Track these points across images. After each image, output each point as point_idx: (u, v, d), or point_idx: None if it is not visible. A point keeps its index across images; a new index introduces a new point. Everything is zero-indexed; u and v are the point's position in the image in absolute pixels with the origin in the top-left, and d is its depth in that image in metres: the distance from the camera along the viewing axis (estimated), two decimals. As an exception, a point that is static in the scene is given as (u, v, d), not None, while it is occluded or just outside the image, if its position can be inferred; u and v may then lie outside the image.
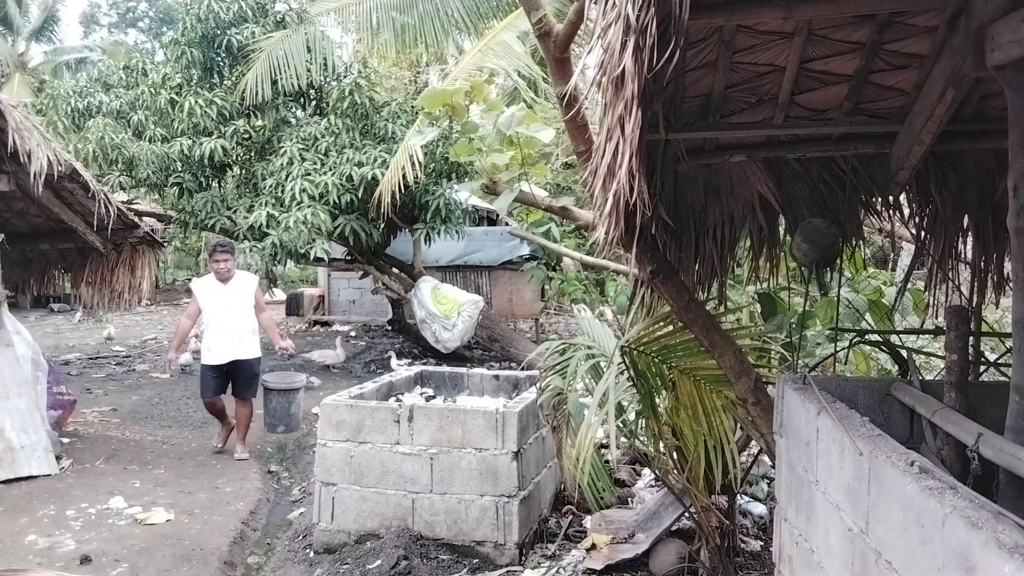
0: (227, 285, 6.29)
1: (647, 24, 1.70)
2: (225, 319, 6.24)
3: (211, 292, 6.29)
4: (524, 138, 3.01)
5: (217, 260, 6.25)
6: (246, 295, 6.35)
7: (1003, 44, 2.03)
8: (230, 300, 6.26)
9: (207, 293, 6.31)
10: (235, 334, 6.26)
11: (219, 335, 6.26)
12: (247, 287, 6.40)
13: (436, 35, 9.46)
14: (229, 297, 6.27)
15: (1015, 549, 1.24)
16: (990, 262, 3.34)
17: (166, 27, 23.72)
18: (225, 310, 6.25)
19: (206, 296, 6.29)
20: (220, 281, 6.29)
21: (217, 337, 6.26)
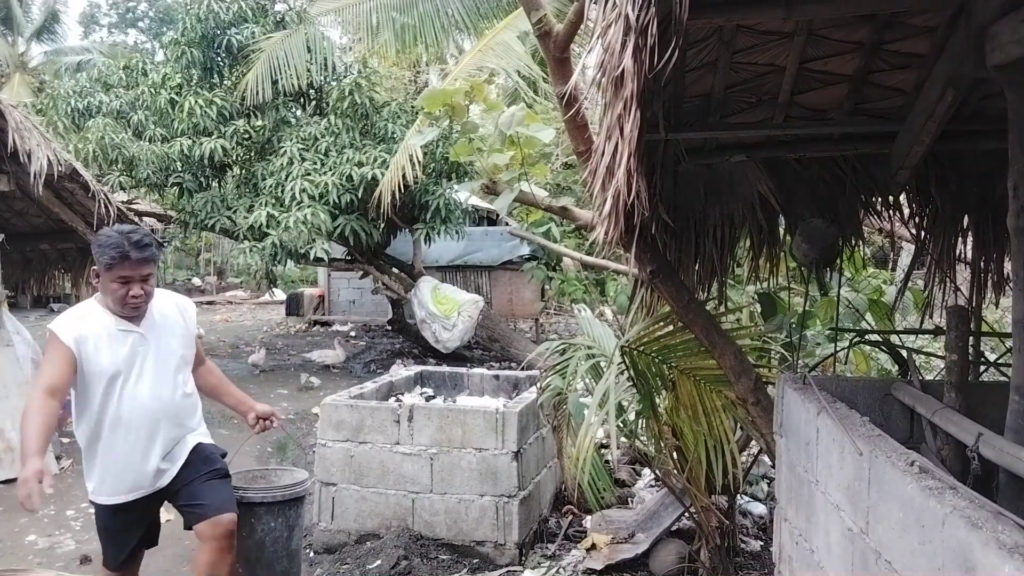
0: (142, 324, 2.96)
1: (647, 24, 1.70)
2: (135, 402, 2.92)
3: (104, 343, 2.88)
4: (524, 138, 3.01)
5: (124, 277, 2.83)
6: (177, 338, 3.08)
7: (1003, 44, 2.03)
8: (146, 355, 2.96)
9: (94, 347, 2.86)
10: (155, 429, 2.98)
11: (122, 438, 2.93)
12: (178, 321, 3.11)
13: (436, 35, 9.46)
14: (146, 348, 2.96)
15: (1015, 549, 1.24)
16: (990, 262, 3.34)
17: (166, 27, 23.72)
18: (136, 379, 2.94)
19: (93, 353, 2.86)
20: (125, 319, 2.92)
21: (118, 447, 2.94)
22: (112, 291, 2.82)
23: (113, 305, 2.86)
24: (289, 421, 7.77)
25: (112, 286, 2.81)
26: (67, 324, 2.83)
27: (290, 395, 8.85)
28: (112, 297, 2.83)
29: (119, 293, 2.81)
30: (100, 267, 2.81)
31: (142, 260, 2.81)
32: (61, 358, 2.77)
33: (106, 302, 2.88)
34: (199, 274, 24.24)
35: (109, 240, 2.77)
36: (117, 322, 2.88)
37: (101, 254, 2.77)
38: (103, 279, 2.83)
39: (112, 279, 2.80)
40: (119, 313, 2.87)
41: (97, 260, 2.81)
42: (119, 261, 2.77)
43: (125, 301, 2.83)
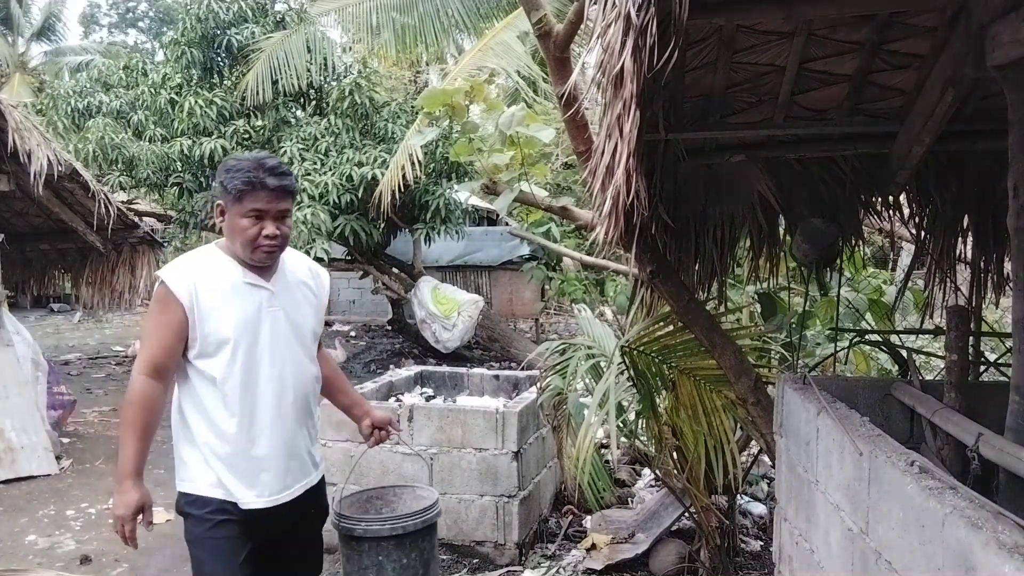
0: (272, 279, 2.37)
1: (647, 24, 1.70)
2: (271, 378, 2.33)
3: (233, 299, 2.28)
4: (524, 138, 3.01)
5: (257, 210, 2.24)
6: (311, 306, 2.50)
7: (1003, 44, 2.03)
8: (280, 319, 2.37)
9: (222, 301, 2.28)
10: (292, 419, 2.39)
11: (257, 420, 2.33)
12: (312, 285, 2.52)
13: (436, 35, 9.46)
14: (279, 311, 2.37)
15: (1015, 549, 1.24)
16: (990, 262, 3.34)
17: (166, 27, 23.72)
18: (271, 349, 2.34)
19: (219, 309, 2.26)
20: (254, 270, 2.32)
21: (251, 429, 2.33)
22: (240, 230, 2.19)
23: (240, 250, 2.23)
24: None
25: (241, 223, 2.19)
26: (182, 272, 2.20)
27: (290, 395, 8.83)
28: (240, 238, 2.20)
29: (249, 233, 2.19)
30: (226, 199, 2.21)
31: (280, 190, 2.20)
32: (171, 321, 2.16)
33: (231, 247, 2.26)
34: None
35: (239, 165, 2.21)
36: (244, 273, 2.25)
37: (229, 180, 2.19)
38: (229, 215, 2.22)
39: (241, 214, 2.19)
40: (247, 260, 2.25)
41: (222, 190, 2.22)
42: (251, 190, 2.17)
43: (256, 243, 2.20)
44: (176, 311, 2.16)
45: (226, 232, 2.27)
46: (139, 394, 2.20)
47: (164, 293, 2.18)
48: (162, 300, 2.18)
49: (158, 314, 2.19)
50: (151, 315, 2.22)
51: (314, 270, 2.53)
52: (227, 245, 2.30)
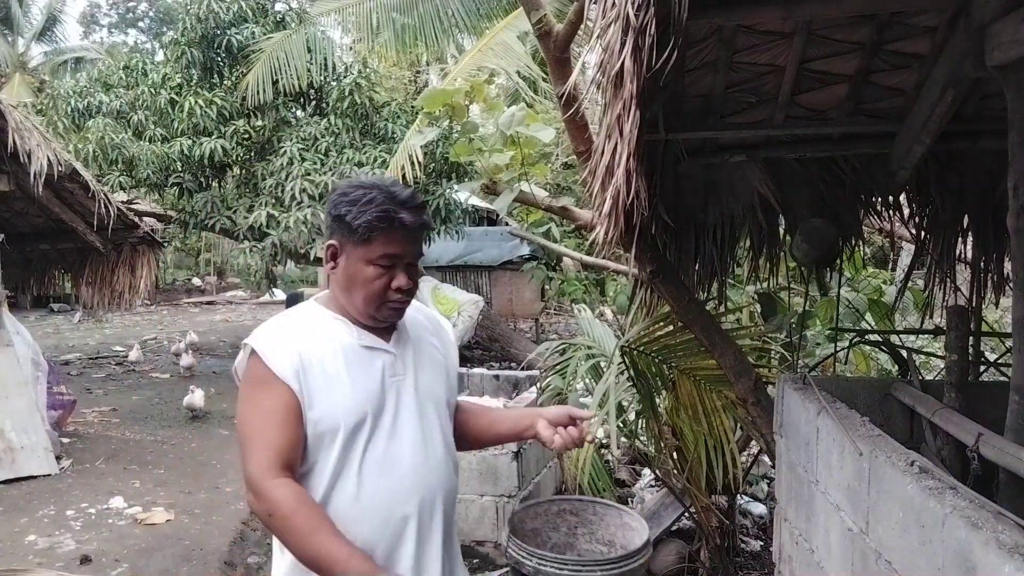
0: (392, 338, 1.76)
1: (646, 24, 1.70)
2: (397, 468, 1.67)
3: (348, 370, 1.66)
4: (524, 138, 3.01)
5: (391, 256, 1.66)
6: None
7: (1003, 44, 2.03)
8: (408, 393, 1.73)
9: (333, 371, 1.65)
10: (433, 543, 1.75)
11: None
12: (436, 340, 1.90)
13: (436, 35, 9.46)
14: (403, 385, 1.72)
15: (1015, 549, 1.24)
16: (990, 262, 3.34)
17: (166, 27, 23.73)
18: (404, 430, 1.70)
19: (331, 386, 1.64)
20: (370, 329, 1.72)
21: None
22: (364, 281, 1.63)
23: (361, 305, 1.66)
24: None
25: (366, 272, 1.63)
26: (280, 342, 1.62)
27: (290, 395, 8.84)
28: (364, 291, 1.64)
29: (376, 285, 1.63)
30: (346, 239, 1.63)
31: (419, 228, 1.66)
32: (281, 407, 1.57)
33: (343, 300, 1.69)
34: (199, 274, 24.25)
35: (366, 195, 1.61)
36: (359, 334, 1.68)
37: (355, 216, 1.59)
38: (348, 260, 1.64)
39: (368, 259, 1.62)
40: (366, 319, 1.68)
41: (342, 228, 1.63)
42: (386, 228, 1.60)
43: (384, 299, 1.65)
44: (283, 394, 1.57)
45: (340, 282, 1.67)
46: (287, 500, 1.51)
47: (262, 373, 1.59)
48: (261, 382, 1.59)
49: (260, 401, 1.58)
50: (249, 402, 1.60)
51: (434, 321, 1.92)
52: (333, 298, 1.72)
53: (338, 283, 1.69)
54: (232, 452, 6.45)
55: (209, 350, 12.14)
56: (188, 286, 22.98)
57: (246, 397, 1.63)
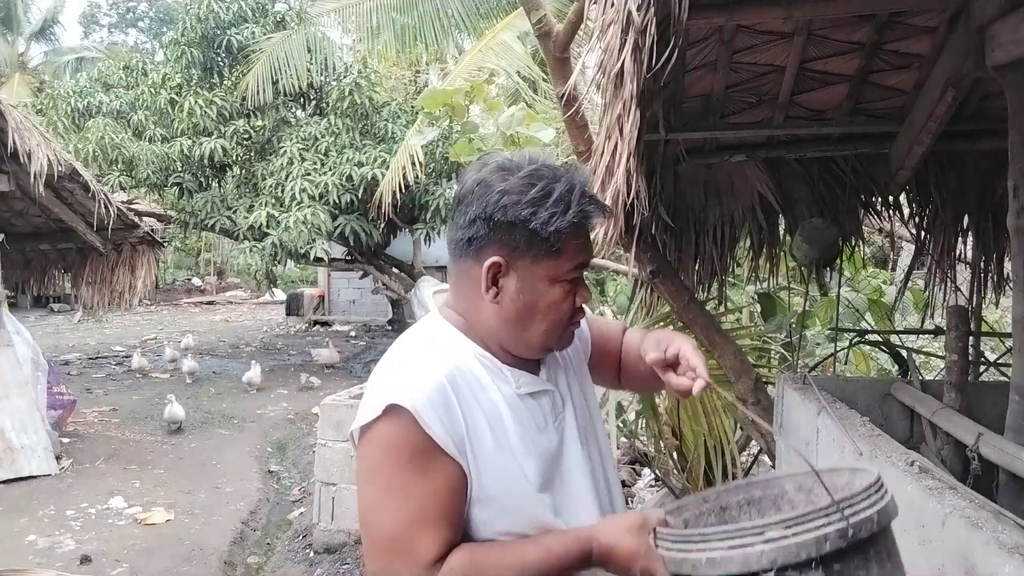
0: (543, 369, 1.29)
1: (647, 24, 1.70)
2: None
3: (515, 431, 1.18)
4: (524, 138, 3.01)
5: (581, 264, 1.21)
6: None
7: (1003, 44, 2.03)
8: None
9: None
10: None
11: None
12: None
13: (436, 35, 9.47)
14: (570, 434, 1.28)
15: (1015, 549, 1.24)
16: (990, 262, 3.34)
17: (166, 27, 23.73)
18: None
19: (499, 455, 1.16)
20: (521, 364, 1.24)
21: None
22: (548, 307, 1.19)
23: (539, 338, 1.22)
24: (289, 421, 7.78)
25: (552, 294, 1.19)
26: (437, 394, 1.13)
27: (290, 395, 8.85)
28: (547, 321, 1.20)
29: (563, 309, 1.21)
30: (528, 253, 1.16)
31: (595, 226, 1.29)
32: (446, 486, 1.13)
33: (505, 335, 1.22)
34: (199, 274, 24.26)
35: (552, 190, 1.14)
36: (516, 379, 1.23)
37: (548, 221, 1.13)
38: (525, 283, 1.17)
39: (555, 277, 1.18)
40: (533, 353, 1.25)
41: (521, 237, 1.15)
42: (574, 231, 1.16)
43: (567, 323, 1.23)
44: (446, 468, 1.12)
45: (509, 312, 1.18)
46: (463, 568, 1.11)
47: (417, 442, 1.10)
48: (415, 454, 1.11)
49: (416, 481, 1.11)
50: (394, 489, 1.12)
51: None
52: (471, 326, 1.23)
53: (505, 314, 1.18)
54: (232, 452, 6.45)
55: (209, 350, 12.14)
56: (188, 286, 22.98)
57: (389, 480, 1.11)
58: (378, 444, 1.13)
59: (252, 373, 8.91)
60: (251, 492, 5.51)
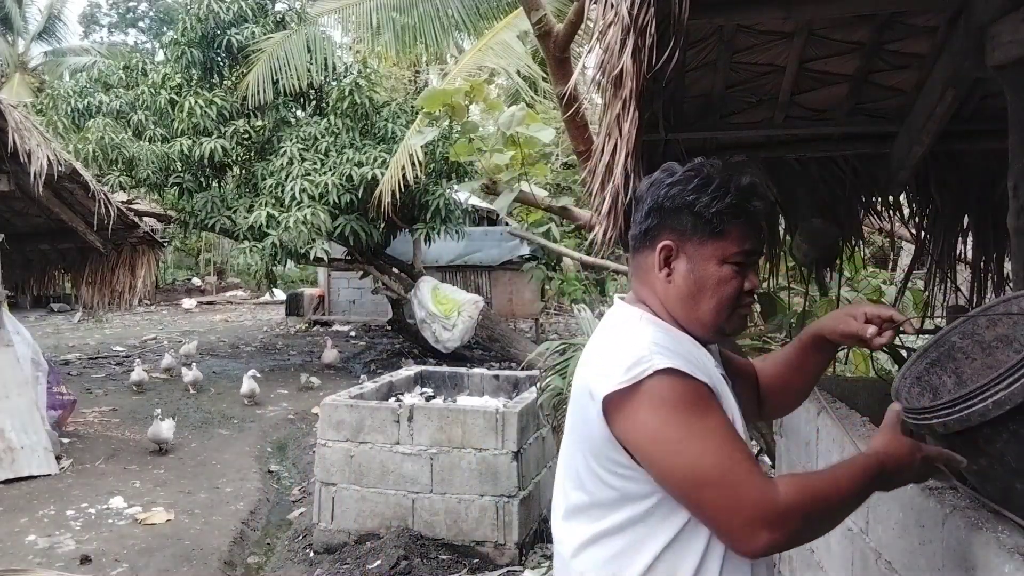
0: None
1: (647, 24, 1.70)
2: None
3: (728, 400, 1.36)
4: (524, 138, 3.01)
5: (750, 252, 1.35)
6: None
7: (1003, 44, 2.03)
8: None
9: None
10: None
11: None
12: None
13: (436, 35, 9.46)
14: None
15: (1015, 549, 1.24)
16: (990, 262, 3.34)
17: (166, 27, 23.73)
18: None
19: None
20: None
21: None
22: (716, 284, 1.32)
23: (711, 316, 1.34)
24: (289, 421, 7.78)
25: (720, 273, 1.31)
26: (677, 355, 1.24)
27: (290, 395, 8.85)
28: (716, 298, 1.32)
29: (731, 288, 1.32)
30: (694, 235, 1.30)
31: (768, 219, 1.36)
32: (728, 423, 1.27)
33: (683, 314, 1.35)
34: (199, 274, 24.25)
35: (712, 181, 1.30)
36: (711, 357, 1.39)
37: (710, 204, 1.28)
38: (694, 262, 1.32)
39: (722, 257, 1.31)
40: (708, 333, 1.37)
41: (687, 220, 1.30)
42: (742, 218, 1.31)
43: (737, 304, 1.35)
44: (721, 406, 1.27)
45: (681, 289, 1.33)
46: (802, 494, 1.20)
47: (693, 389, 1.22)
48: (699, 400, 1.22)
49: (707, 422, 1.22)
50: (693, 429, 1.20)
51: None
52: (661, 312, 1.36)
53: (677, 293, 1.33)
54: (232, 452, 6.45)
55: (209, 350, 12.14)
56: (188, 286, 22.98)
57: (682, 425, 1.20)
58: (658, 404, 1.21)
59: (248, 387, 8.15)
60: (251, 492, 5.50)
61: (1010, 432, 1.25)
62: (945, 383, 1.58)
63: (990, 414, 1.25)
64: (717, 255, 1.31)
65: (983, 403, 1.25)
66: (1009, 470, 1.30)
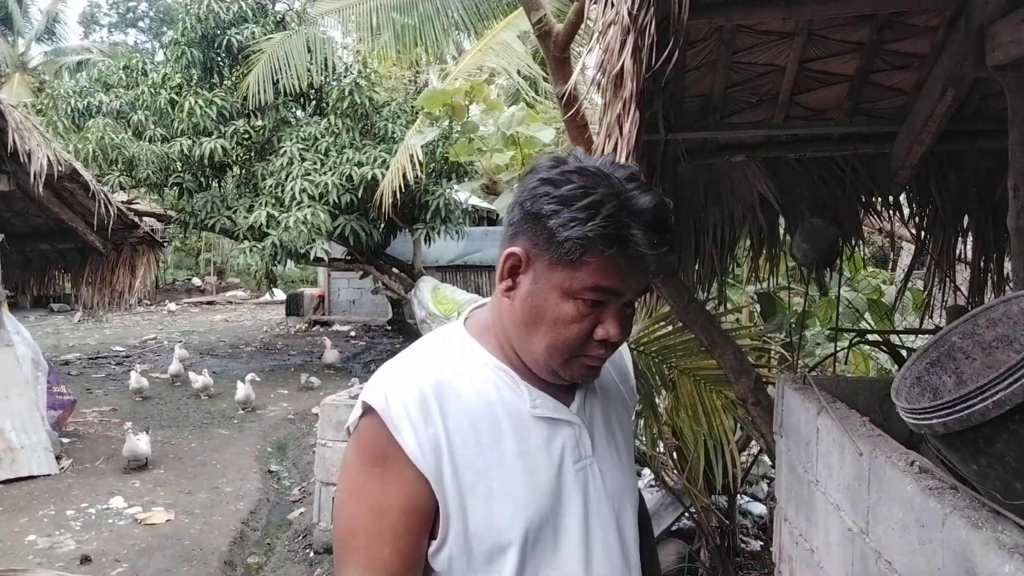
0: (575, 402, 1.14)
1: (647, 24, 1.70)
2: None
3: (518, 453, 1.06)
4: (524, 138, 3.01)
5: (609, 289, 1.03)
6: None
7: (1003, 44, 2.03)
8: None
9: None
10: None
11: None
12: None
13: (436, 36, 9.47)
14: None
15: (1015, 549, 1.24)
16: (990, 262, 3.34)
17: (166, 27, 23.74)
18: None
19: (494, 481, 1.04)
20: (546, 386, 1.11)
21: None
22: (554, 321, 1.04)
23: (542, 354, 1.07)
24: (289, 421, 7.78)
25: (562, 309, 1.04)
26: (414, 398, 1.02)
27: (290, 395, 8.86)
28: (550, 336, 1.05)
29: (572, 332, 1.04)
30: (544, 253, 1.03)
31: (656, 256, 1.06)
32: (403, 507, 1.02)
33: (516, 340, 1.10)
34: (199, 274, 24.26)
35: (587, 193, 1.00)
36: (532, 397, 1.10)
37: (567, 224, 0.99)
38: (537, 285, 1.05)
39: (568, 290, 1.03)
40: (542, 372, 1.10)
41: (540, 234, 1.03)
42: (607, 250, 1.00)
43: (578, 351, 1.07)
44: (407, 484, 1.00)
45: (517, 312, 1.07)
46: None
47: (382, 447, 1.01)
48: (379, 461, 1.01)
49: (373, 491, 1.02)
50: (357, 490, 1.04)
51: (618, 355, 1.26)
52: (493, 328, 1.13)
53: (512, 313, 1.07)
54: (232, 452, 6.46)
55: (209, 350, 12.14)
56: (188, 286, 22.99)
57: (353, 480, 1.04)
58: (351, 443, 1.06)
59: (243, 393, 7.88)
60: (251, 492, 5.51)
61: (1010, 432, 1.26)
62: (945, 383, 1.58)
63: (990, 414, 1.25)
64: (563, 286, 1.01)
65: (983, 403, 1.26)
66: (1009, 470, 1.31)
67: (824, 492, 2.23)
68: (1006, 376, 1.22)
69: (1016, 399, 1.20)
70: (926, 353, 1.59)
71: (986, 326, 1.55)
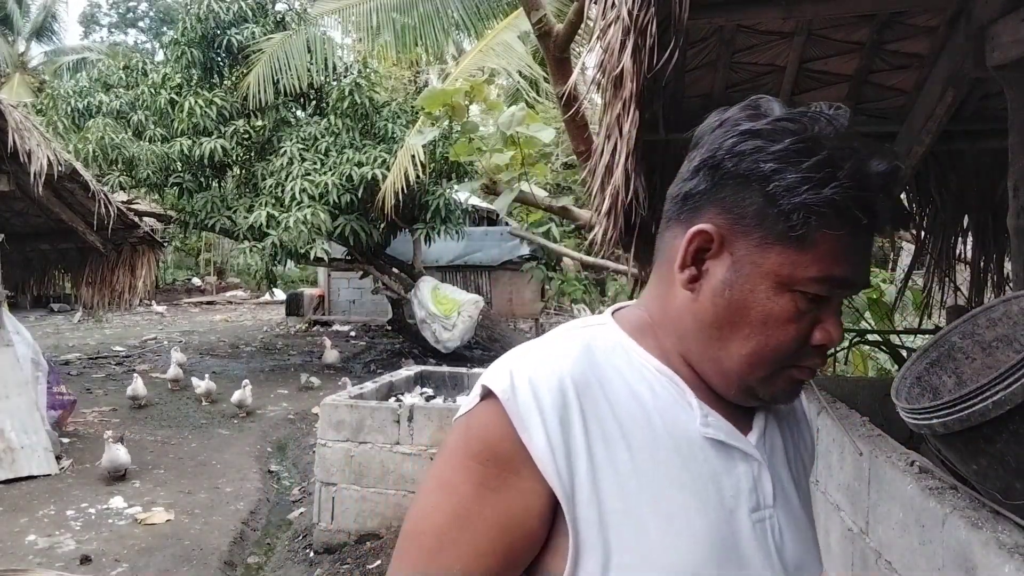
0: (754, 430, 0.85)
1: (647, 24, 1.70)
2: None
3: (682, 482, 0.77)
4: (524, 138, 3.01)
5: (848, 279, 0.77)
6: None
7: (1003, 44, 2.03)
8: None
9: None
10: None
11: None
12: None
13: (436, 36, 9.47)
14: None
15: (1015, 549, 1.24)
16: (990, 262, 3.34)
17: (166, 27, 23.74)
18: None
19: (644, 508, 0.75)
20: (721, 405, 0.82)
21: None
22: (764, 320, 0.77)
23: (738, 365, 0.79)
24: (289, 421, 7.78)
25: (778, 305, 0.76)
26: (552, 391, 0.75)
27: (290, 395, 8.85)
28: (756, 342, 0.78)
29: (787, 333, 0.77)
30: (756, 231, 0.76)
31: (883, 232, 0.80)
32: (512, 521, 0.75)
33: (697, 346, 0.82)
34: (199, 274, 24.26)
35: (815, 149, 0.75)
36: (703, 413, 0.80)
37: (797, 187, 0.73)
38: (740, 274, 0.77)
39: (790, 279, 0.76)
40: (726, 389, 0.82)
41: (752, 202, 0.76)
42: (834, 221, 0.74)
43: (789, 362, 0.80)
44: (519, 495, 0.76)
45: (706, 310, 0.80)
46: None
47: (492, 435, 0.77)
48: (485, 454, 0.78)
49: (467, 487, 0.78)
50: (444, 481, 0.82)
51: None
52: (657, 327, 0.86)
53: (696, 310, 0.81)
54: (232, 452, 6.46)
55: (209, 350, 12.14)
56: (188, 286, 22.99)
57: (446, 469, 0.82)
58: (458, 427, 0.82)
59: (238, 396, 7.66)
60: (251, 492, 5.50)
61: (1010, 432, 1.27)
62: (945, 383, 1.59)
63: (990, 414, 1.26)
64: (782, 273, 0.76)
65: (983, 403, 1.27)
66: (1009, 470, 1.31)
67: (824, 492, 2.23)
68: (1006, 376, 1.23)
69: (1016, 399, 1.21)
70: (926, 353, 1.61)
71: (986, 326, 1.56)
